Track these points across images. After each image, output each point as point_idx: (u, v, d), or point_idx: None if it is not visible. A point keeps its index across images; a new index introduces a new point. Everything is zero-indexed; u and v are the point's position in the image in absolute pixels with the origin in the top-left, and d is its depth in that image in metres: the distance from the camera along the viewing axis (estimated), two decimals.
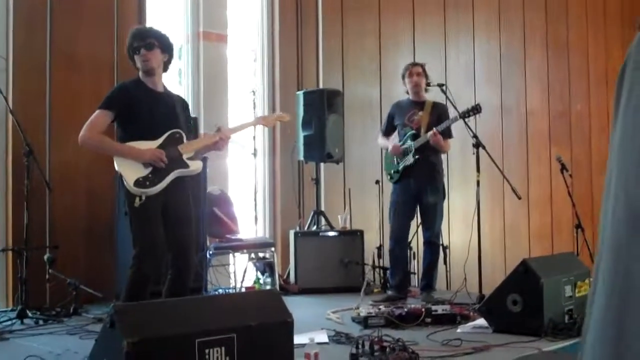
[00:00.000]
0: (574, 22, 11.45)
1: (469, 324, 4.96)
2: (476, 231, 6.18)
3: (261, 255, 6.92)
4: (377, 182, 7.47)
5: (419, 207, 6.45)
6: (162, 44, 4.74)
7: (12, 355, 4.31)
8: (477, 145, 6.19)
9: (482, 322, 4.86)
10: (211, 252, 6.52)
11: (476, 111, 6.23)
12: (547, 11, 11.05)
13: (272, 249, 6.96)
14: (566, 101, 11.31)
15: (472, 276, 6.32)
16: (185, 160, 4.70)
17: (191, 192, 4.90)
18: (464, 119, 6.20)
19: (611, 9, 12.01)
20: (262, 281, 6.81)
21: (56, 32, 6.48)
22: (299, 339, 3.79)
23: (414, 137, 6.37)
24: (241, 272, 6.81)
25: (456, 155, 8.40)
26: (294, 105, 7.66)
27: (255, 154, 7.49)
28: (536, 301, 4.58)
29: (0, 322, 5.25)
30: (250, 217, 7.69)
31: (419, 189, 6.35)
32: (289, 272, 7.24)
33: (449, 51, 9.65)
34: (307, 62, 8.35)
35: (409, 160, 6.35)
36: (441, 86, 6.37)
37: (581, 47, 11.59)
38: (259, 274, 6.95)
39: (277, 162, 8.10)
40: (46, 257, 5.76)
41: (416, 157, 6.31)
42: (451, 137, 6.48)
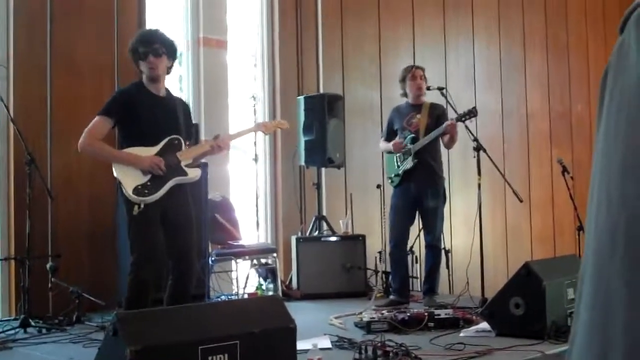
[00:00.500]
0: (574, 25, 11.46)
1: (472, 328, 4.96)
2: (478, 234, 6.18)
3: (263, 261, 6.92)
4: (378, 186, 7.47)
5: (419, 211, 6.45)
6: (168, 50, 4.75)
7: None
8: (478, 148, 6.19)
9: (485, 325, 4.85)
10: (213, 259, 6.52)
11: (472, 114, 6.24)
12: (547, 14, 11.06)
13: (274, 254, 6.96)
14: (566, 103, 11.31)
15: (475, 280, 6.32)
16: (183, 167, 4.70)
17: (192, 197, 4.90)
18: (462, 122, 6.21)
19: (610, 11, 12.01)
20: (264, 287, 6.80)
21: (56, 38, 6.49)
22: (301, 345, 3.80)
23: (413, 140, 6.37)
24: (243, 278, 6.81)
25: (457, 158, 8.41)
26: (295, 110, 7.66)
27: (256, 160, 7.49)
28: (539, 304, 4.57)
29: (3, 332, 5.24)
30: (252, 223, 7.69)
31: (419, 193, 6.35)
32: (291, 277, 7.23)
33: (448, 55, 9.66)
34: (307, 67, 8.35)
35: (409, 163, 6.35)
36: (441, 90, 6.37)
37: (581, 49, 11.59)
38: (261, 280, 6.94)
39: (278, 168, 8.10)
40: (48, 265, 5.75)
41: (415, 160, 6.31)
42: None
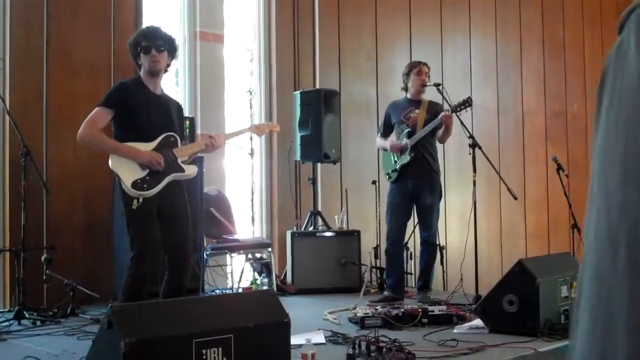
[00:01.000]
0: (570, 21, 11.46)
1: (465, 325, 4.98)
2: (472, 231, 6.20)
3: (258, 255, 6.93)
4: (373, 182, 7.48)
5: (415, 208, 6.46)
6: (170, 48, 4.77)
7: (9, 356, 4.32)
8: (474, 145, 6.20)
9: (478, 322, 4.87)
10: (208, 253, 6.53)
11: (467, 104, 6.24)
12: (544, 10, 11.06)
13: (269, 249, 6.97)
14: (562, 101, 11.32)
15: (469, 276, 6.33)
16: (180, 164, 4.72)
17: (187, 192, 4.91)
18: (456, 112, 6.21)
19: (607, 8, 12.02)
20: (259, 282, 6.81)
21: (53, 32, 6.49)
22: (295, 340, 3.81)
23: (410, 135, 6.37)
24: (238, 273, 6.83)
25: (452, 155, 8.42)
26: (291, 105, 7.67)
27: (252, 154, 7.50)
28: (532, 301, 4.59)
29: None
30: (247, 218, 7.71)
31: (416, 190, 6.36)
32: (286, 272, 7.24)
33: (445, 50, 9.66)
34: (304, 62, 8.35)
35: (406, 158, 6.35)
36: (438, 86, 6.37)
37: (577, 46, 11.60)
38: (256, 274, 6.96)
39: (274, 163, 8.10)
40: (43, 257, 5.75)
41: (412, 154, 6.32)
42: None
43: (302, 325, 4.78)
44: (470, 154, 6.21)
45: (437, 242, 6.54)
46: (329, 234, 7.29)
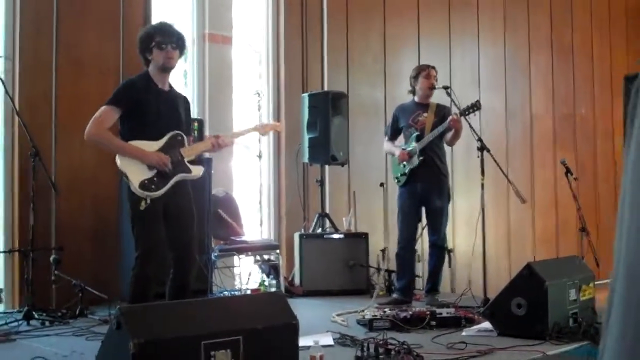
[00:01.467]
0: (579, 25, 11.45)
1: (473, 327, 4.97)
2: (481, 234, 6.18)
3: (266, 257, 6.93)
4: (381, 184, 7.47)
5: (424, 211, 6.45)
6: (182, 45, 4.75)
7: (18, 356, 4.33)
8: (482, 148, 6.18)
9: (486, 325, 4.86)
10: (216, 254, 6.53)
11: (476, 108, 6.23)
12: (552, 14, 11.05)
13: (277, 251, 6.97)
14: (571, 104, 11.30)
15: (477, 279, 6.32)
16: (187, 164, 4.70)
17: (195, 193, 4.91)
18: (465, 116, 6.20)
19: (616, 12, 12.01)
20: (267, 283, 6.81)
21: (62, 34, 6.51)
22: (304, 342, 3.81)
23: (418, 139, 6.37)
24: (246, 274, 6.83)
25: (461, 158, 8.41)
26: (299, 107, 7.68)
27: (260, 156, 7.51)
28: (541, 305, 4.57)
29: (6, 324, 5.27)
30: (255, 219, 7.71)
31: (425, 193, 6.35)
32: (294, 274, 7.25)
33: (453, 53, 9.65)
34: (312, 64, 8.36)
35: (415, 161, 6.35)
36: (446, 88, 6.35)
37: (586, 50, 11.58)
38: (264, 276, 6.96)
39: (282, 164, 8.11)
40: (52, 258, 5.76)
41: (421, 158, 6.32)
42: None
43: (310, 327, 4.77)
44: (478, 157, 6.20)
45: (446, 245, 6.53)
46: (336, 236, 7.28)
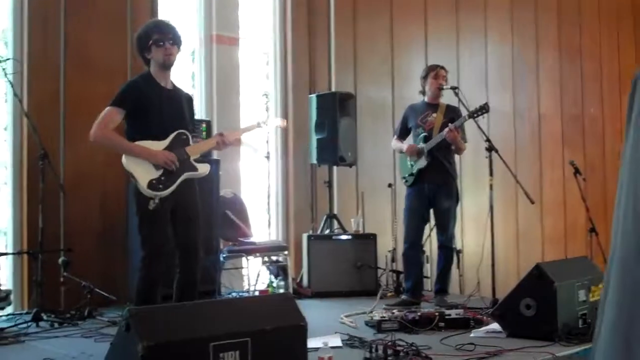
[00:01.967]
0: (587, 25, 11.42)
1: (482, 329, 4.95)
2: (489, 235, 6.16)
3: (274, 258, 6.92)
4: (390, 185, 7.46)
5: (432, 211, 6.43)
6: (179, 41, 4.75)
7: (27, 358, 4.34)
8: (490, 148, 6.16)
9: (495, 326, 4.85)
10: (224, 255, 6.53)
11: (484, 110, 6.20)
12: (560, 14, 11.02)
13: (285, 252, 6.96)
14: (579, 104, 11.27)
15: (486, 280, 6.30)
16: (193, 162, 4.70)
17: (203, 194, 4.91)
18: (473, 118, 6.18)
19: (624, 12, 11.97)
20: (275, 284, 6.81)
21: (70, 36, 6.52)
22: (312, 343, 3.80)
23: (426, 139, 6.36)
24: (254, 276, 6.82)
25: (469, 159, 8.39)
26: (307, 108, 7.68)
27: (268, 157, 7.51)
28: (550, 305, 4.55)
29: (15, 325, 5.28)
30: (263, 220, 7.70)
31: (433, 194, 6.34)
32: (302, 275, 7.24)
33: (461, 53, 9.64)
34: (319, 65, 8.36)
35: (422, 162, 6.34)
36: (454, 89, 6.34)
37: (594, 50, 11.55)
38: (272, 277, 6.96)
39: (290, 165, 8.11)
40: (60, 260, 5.78)
41: (429, 158, 6.30)
42: (466, 142, 6.46)
43: (319, 328, 4.76)
44: (487, 157, 6.17)
45: (454, 246, 6.51)
46: (345, 237, 7.27)
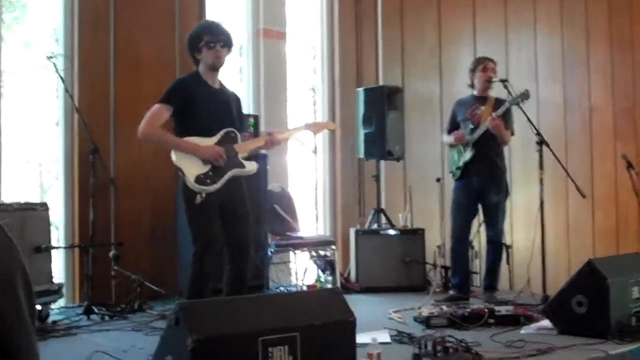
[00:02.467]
0: (638, 15, 11.18)
1: (533, 325, 4.88)
2: (539, 230, 6.08)
3: (322, 253, 6.92)
4: (438, 180, 7.40)
5: (481, 206, 6.36)
6: (230, 43, 4.77)
7: (79, 350, 4.39)
8: (541, 142, 6.07)
9: (546, 323, 4.78)
10: (272, 250, 6.55)
11: (525, 96, 6.12)
12: (611, 5, 10.82)
13: (333, 246, 6.95)
14: (631, 96, 11.06)
15: (536, 276, 6.22)
16: (240, 160, 4.72)
17: (249, 188, 4.92)
18: (516, 105, 6.10)
19: None
20: (323, 279, 6.81)
21: (119, 33, 6.59)
22: (361, 339, 3.78)
23: (472, 132, 6.29)
24: (302, 270, 6.83)
25: (519, 153, 8.30)
26: (354, 102, 7.66)
27: (315, 151, 7.49)
28: (602, 303, 4.47)
29: (67, 318, 5.37)
30: (310, 215, 7.70)
31: (481, 188, 6.27)
32: (350, 270, 7.23)
33: (510, 45, 9.53)
34: (366, 59, 8.33)
35: (467, 155, 6.27)
36: (504, 82, 6.26)
37: None
38: (320, 272, 6.95)
39: (337, 160, 8.10)
40: (111, 253, 5.86)
41: (473, 151, 6.23)
42: (512, 134, 6.38)
43: (367, 324, 4.74)
44: (537, 150, 6.09)
45: (503, 241, 6.44)
46: (392, 232, 7.24)
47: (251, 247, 4.79)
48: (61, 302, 5.94)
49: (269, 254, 6.53)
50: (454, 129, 6.56)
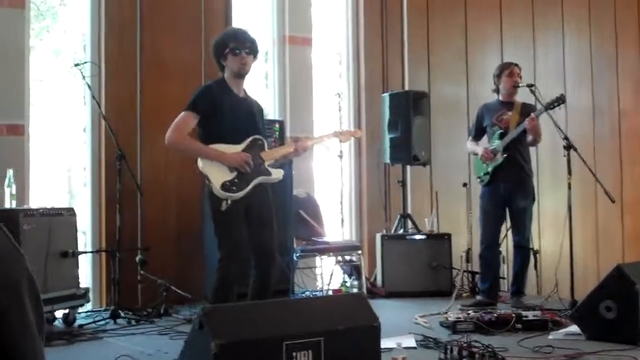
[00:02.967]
0: None
1: (561, 331, 4.84)
2: (567, 235, 6.03)
3: (348, 258, 6.90)
4: (464, 184, 7.36)
5: (508, 211, 6.31)
6: (256, 50, 4.77)
7: (106, 354, 4.42)
8: (569, 147, 6.02)
9: (574, 328, 4.73)
10: (298, 255, 6.54)
11: (560, 101, 6.07)
12: (639, 7, 10.70)
13: (359, 251, 6.92)
14: None
15: (564, 281, 6.16)
16: (267, 167, 4.72)
17: (277, 194, 4.92)
18: (551, 109, 6.04)
19: None
20: (348, 284, 6.79)
21: (146, 39, 6.64)
22: (386, 343, 3.77)
23: (502, 137, 6.25)
24: (328, 275, 6.82)
25: (546, 157, 8.23)
26: (380, 107, 7.65)
27: (341, 156, 7.47)
28: (631, 308, 4.42)
29: (94, 322, 5.41)
30: (336, 220, 7.69)
31: (509, 193, 6.22)
32: (376, 275, 7.21)
33: (537, 49, 9.46)
34: (392, 64, 8.31)
35: (498, 159, 6.22)
36: (530, 87, 6.22)
37: None
38: (346, 276, 6.94)
39: (363, 165, 8.09)
40: (138, 258, 5.90)
41: (505, 155, 6.19)
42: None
43: (393, 328, 4.73)
44: (565, 155, 6.03)
45: (531, 246, 6.38)
46: (419, 237, 7.21)
47: (276, 252, 4.78)
48: (88, 306, 5.98)
49: (295, 259, 6.52)
50: (478, 134, 6.52)
